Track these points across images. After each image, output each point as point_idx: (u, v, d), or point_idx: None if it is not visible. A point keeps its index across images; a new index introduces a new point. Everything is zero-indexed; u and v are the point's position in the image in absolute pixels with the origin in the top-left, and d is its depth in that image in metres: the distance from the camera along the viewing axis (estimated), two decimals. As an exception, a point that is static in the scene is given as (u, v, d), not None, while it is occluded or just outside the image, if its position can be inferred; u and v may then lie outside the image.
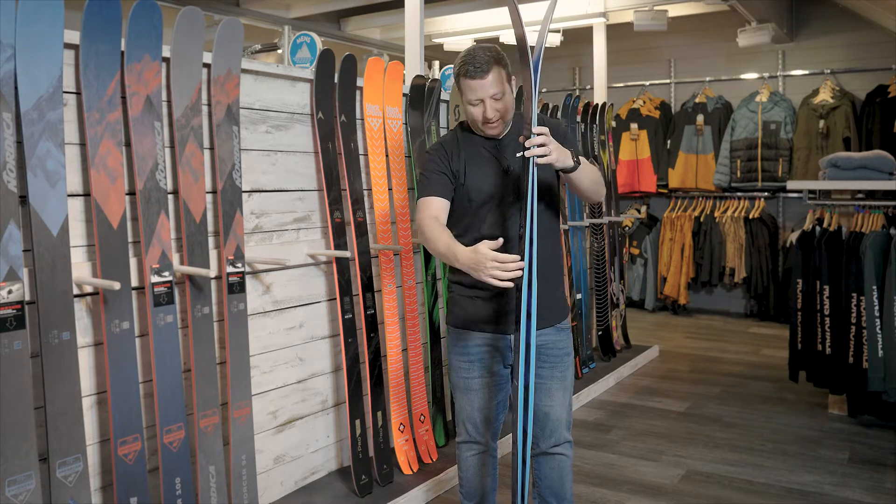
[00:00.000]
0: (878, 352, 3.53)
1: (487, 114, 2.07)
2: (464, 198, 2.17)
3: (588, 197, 2.18)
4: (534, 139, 1.93)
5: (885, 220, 3.72)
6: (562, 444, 2.23)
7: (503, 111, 2.09)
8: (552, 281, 2.19)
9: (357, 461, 2.81)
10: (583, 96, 6.78)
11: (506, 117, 2.11)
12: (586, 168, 2.09)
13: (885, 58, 6.05)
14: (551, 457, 2.24)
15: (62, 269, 1.96)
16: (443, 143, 2.23)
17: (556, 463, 2.24)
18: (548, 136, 1.95)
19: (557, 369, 2.20)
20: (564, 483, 2.26)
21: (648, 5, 5.80)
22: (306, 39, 3.58)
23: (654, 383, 4.55)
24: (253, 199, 2.64)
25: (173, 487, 2.23)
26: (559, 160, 1.98)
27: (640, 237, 6.94)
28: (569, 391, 2.24)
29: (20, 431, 1.85)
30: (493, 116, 2.08)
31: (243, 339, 2.48)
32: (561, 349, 2.21)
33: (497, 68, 2.04)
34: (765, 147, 6.27)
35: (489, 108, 2.07)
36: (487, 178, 2.16)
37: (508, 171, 2.14)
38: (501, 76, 2.06)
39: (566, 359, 2.22)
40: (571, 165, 2.03)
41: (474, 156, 2.18)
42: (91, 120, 2.04)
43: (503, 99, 2.07)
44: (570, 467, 2.27)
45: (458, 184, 2.18)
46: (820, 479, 3.08)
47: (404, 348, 3.18)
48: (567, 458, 2.26)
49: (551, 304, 2.18)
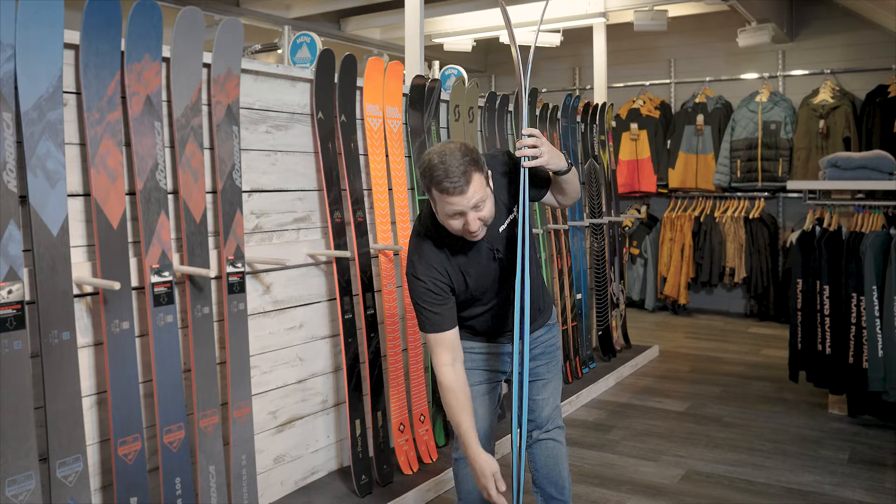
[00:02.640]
0: (878, 352, 3.53)
1: (471, 227, 1.86)
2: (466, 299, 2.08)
3: (563, 203, 2.17)
4: (524, 140, 1.93)
5: (885, 220, 3.72)
6: (554, 429, 2.28)
7: (486, 219, 1.89)
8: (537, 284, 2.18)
9: (357, 461, 2.81)
10: (583, 96, 6.78)
11: (488, 221, 1.91)
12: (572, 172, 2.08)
13: (885, 58, 6.05)
14: (543, 443, 2.28)
15: (62, 269, 1.96)
16: (431, 265, 1.99)
17: (549, 450, 2.28)
18: (539, 138, 1.93)
19: (553, 363, 2.28)
20: (561, 470, 2.28)
21: (648, 5, 5.80)
22: (306, 39, 3.57)
23: (654, 383, 4.55)
24: (253, 199, 2.64)
25: (173, 487, 2.23)
26: (551, 162, 1.98)
27: (640, 237, 6.94)
28: (558, 381, 2.32)
29: (20, 431, 1.85)
30: (475, 228, 1.87)
31: (243, 339, 2.48)
32: (553, 344, 2.29)
33: (475, 175, 1.83)
34: (765, 147, 6.27)
35: (472, 220, 1.85)
36: (486, 273, 2.05)
37: (495, 255, 2.04)
38: (481, 182, 1.85)
39: (557, 353, 2.31)
40: (565, 167, 2.02)
41: (465, 258, 2.01)
42: (91, 120, 2.04)
43: (484, 203, 1.86)
44: (564, 454, 2.31)
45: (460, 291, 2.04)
46: (820, 479, 3.08)
47: (404, 348, 3.18)
48: (559, 443, 2.30)
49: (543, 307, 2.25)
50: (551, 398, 2.28)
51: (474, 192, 1.82)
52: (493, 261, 2.05)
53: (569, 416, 3.93)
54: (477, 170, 1.84)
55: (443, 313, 1.99)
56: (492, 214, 1.91)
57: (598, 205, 4.86)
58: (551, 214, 4.28)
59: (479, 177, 1.85)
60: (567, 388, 4.16)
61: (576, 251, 4.56)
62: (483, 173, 1.87)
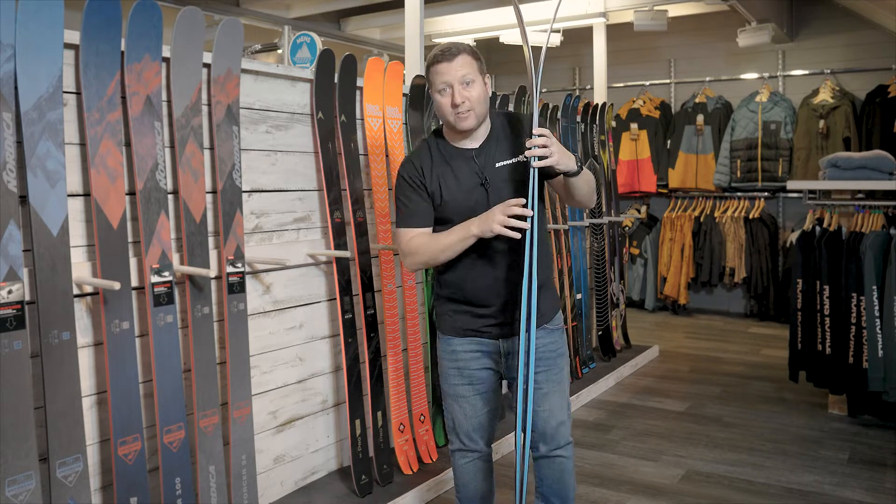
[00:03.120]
0: (878, 352, 3.53)
1: (455, 99, 1.95)
2: (444, 217, 2.07)
3: (581, 203, 2.11)
4: (535, 140, 1.89)
5: (885, 220, 3.72)
6: (562, 446, 2.19)
7: (473, 100, 1.97)
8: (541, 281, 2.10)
9: (357, 461, 2.82)
10: (583, 96, 6.78)
11: (477, 109, 1.99)
12: (586, 173, 2.04)
13: (885, 58, 6.05)
14: (551, 459, 2.20)
15: (62, 269, 1.96)
16: (412, 160, 2.09)
17: (557, 465, 2.21)
18: (550, 138, 1.90)
19: (552, 372, 2.14)
20: (566, 484, 2.22)
21: (648, 5, 5.81)
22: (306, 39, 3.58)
23: (654, 383, 4.55)
24: (253, 199, 2.64)
25: (173, 487, 2.23)
26: (561, 162, 1.92)
27: (640, 237, 6.94)
28: (565, 393, 2.19)
29: (20, 431, 1.85)
30: (460, 101, 1.96)
31: (243, 339, 2.48)
32: (553, 351, 2.14)
33: (466, 56, 1.98)
34: (765, 147, 6.27)
35: (457, 93, 1.96)
36: (466, 194, 2.05)
37: (484, 185, 2.04)
38: (472, 63, 1.98)
39: (559, 360, 2.16)
40: (575, 169, 1.97)
41: (449, 170, 2.06)
42: (91, 120, 2.04)
43: (473, 85, 1.97)
44: (571, 468, 2.23)
45: (436, 204, 2.07)
46: (820, 479, 3.08)
47: (404, 348, 3.18)
48: (567, 459, 2.21)
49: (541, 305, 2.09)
50: (556, 411, 2.15)
51: (462, 66, 1.96)
52: (479, 186, 2.05)
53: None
54: (471, 55, 1.99)
55: (413, 208, 2.06)
56: (480, 101, 1.99)
57: (598, 205, 4.86)
58: (551, 214, 4.28)
59: (472, 61, 1.98)
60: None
61: (576, 251, 4.57)
62: (477, 62, 2.00)
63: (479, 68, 2.01)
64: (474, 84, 1.98)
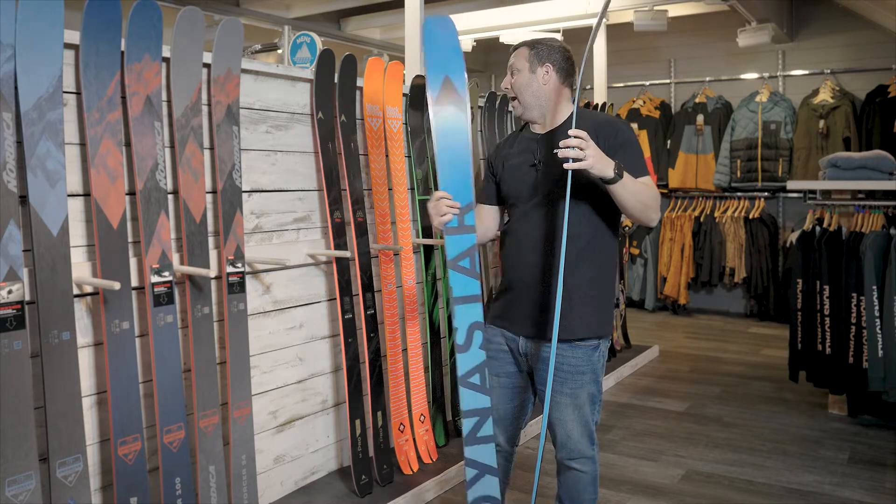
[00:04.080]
0: (878, 352, 3.53)
1: (503, 83, 2.20)
2: (505, 195, 2.23)
3: (633, 217, 2.04)
4: (569, 140, 1.85)
5: (885, 220, 3.72)
6: (576, 458, 2.15)
7: (514, 87, 2.17)
8: (578, 294, 2.08)
9: (357, 461, 2.81)
10: (583, 96, 6.78)
11: (521, 97, 2.16)
12: (631, 184, 1.95)
13: (885, 58, 6.05)
14: (567, 469, 2.18)
15: (62, 269, 1.96)
16: (499, 142, 2.35)
17: (572, 476, 2.18)
18: (586, 140, 1.86)
19: (567, 385, 2.09)
20: (581, 495, 2.18)
21: (648, 5, 5.80)
22: (306, 39, 3.58)
23: (654, 383, 4.55)
24: (253, 199, 2.64)
25: (173, 487, 2.23)
26: (595, 167, 1.87)
27: (640, 237, 6.94)
28: (582, 409, 2.12)
29: (20, 431, 1.85)
30: (505, 85, 2.19)
31: (243, 339, 2.48)
32: (572, 366, 2.09)
33: (526, 49, 2.16)
34: (765, 147, 6.27)
35: (506, 78, 2.19)
36: (519, 176, 2.17)
37: (537, 166, 2.12)
38: (525, 55, 2.15)
39: (579, 378, 2.10)
40: (611, 176, 1.90)
41: (514, 153, 2.21)
42: (91, 120, 2.04)
43: (518, 76, 2.15)
44: (588, 482, 2.17)
45: (499, 180, 2.25)
46: (820, 479, 3.08)
47: (404, 348, 3.18)
48: (583, 473, 2.16)
49: (571, 318, 2.05)
50: (567, 423, 2.12)
51: (516, 57, 2.17)
52: (531, 166, 2.15)
53: (569, 416, 3.93)
54: (529, 47, 2.16)
55: (484, 187, 2.31)
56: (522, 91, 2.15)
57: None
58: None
59: (527, 51, 2.15)
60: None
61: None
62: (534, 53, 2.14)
63: (534, 59, 2.15)
64: (520, 74, 2.16)
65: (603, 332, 2.13)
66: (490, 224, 2.30)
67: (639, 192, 1.98)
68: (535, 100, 2.15)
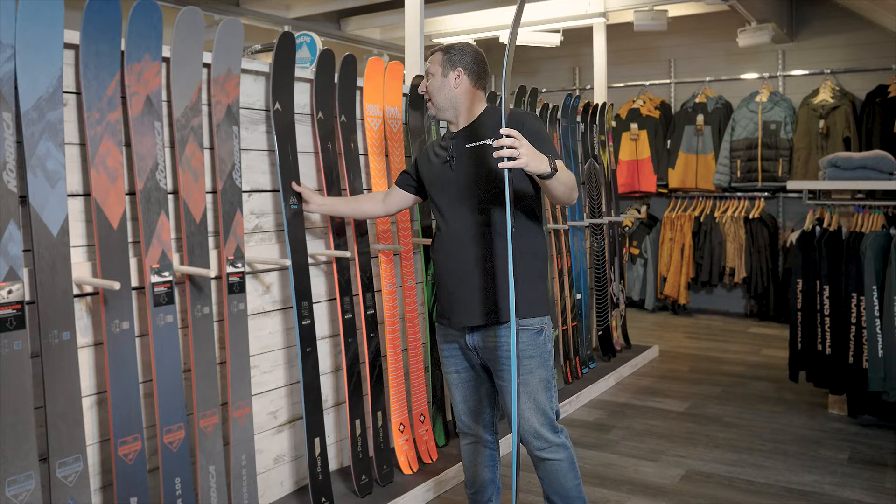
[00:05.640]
0: (878, 352, 3.53)
1: (419, 88, 2.34)
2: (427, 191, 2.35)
3: (560, 203, 2.12)
4: (502, 140, 1.84)
5: (885, 220, 3.72)
6: (544, 448, 2.16)
7: (428, 90, 2.28)
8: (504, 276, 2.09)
9: (357, 461, 2.81)
10: (583, 96, 6.78)
11: (434, 100, 2.26)
12: (562, 174, 1.98)
13: (885, 58, 6.05)
14: (541, 462, 2.19)
15: (62, 269, 1.96)
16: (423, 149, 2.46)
17: (548, 468, 2.19)
18: (519, 139, 1.85)
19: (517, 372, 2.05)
20: (563, 484, 2.20)
21: (648, 5, 5.81)
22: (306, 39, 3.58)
23: (654, 383, 4.55)
24: (253, 199, 2.64)
25: (173, 487, 2.23)
26: (531, 165, 1.88)
27: (640, 237, 6.94)
28: (536, 396, 2.15)
29: (20, 431, 1.85)
30: (420, 90, 2.34)
31: (243, 339, 2.48)
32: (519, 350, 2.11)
33: (440, 54, 2.26)
34: (765, 147, 6.27)
35: (421, 83, 2.33)
36: (436, 173, 2.28)
37: (450, 163, 2.22)
38: (439, 60, 2.25)
39: (527, 362, 2.13)
40: (548, 172, 1.91)
41: (433, 152, 2.34)
42: (91, 120, 2.04)
43: (432, 80, 2.26)
44: (565, 469, 2.19)
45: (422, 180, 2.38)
46: (820, 479, 3.08)
47: (404, 348, 3.18)
48: (558, 461, 2.17)
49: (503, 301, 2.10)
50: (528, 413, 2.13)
51: (430, 65, 2.27)
52: (448, 168, 2.24)
53: (569, 416, 3.93)
54: (444, 55, 2.25)
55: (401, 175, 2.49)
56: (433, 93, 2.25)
57: (598, 205, 4.86)
58: (551, 214, 4.28)
59: (442, 60, 2.24)
60: (567, 388, 4.17)
61: (576, 251, 4.57)
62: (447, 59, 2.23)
63: (446, 65, 2.24)
64: (431, 79, 2.26)
65: (539, 312, 2.18)
66: (391, 207, 2.52)
67: (565, 180, 2.01)
68: (448, 102, 2.25)
